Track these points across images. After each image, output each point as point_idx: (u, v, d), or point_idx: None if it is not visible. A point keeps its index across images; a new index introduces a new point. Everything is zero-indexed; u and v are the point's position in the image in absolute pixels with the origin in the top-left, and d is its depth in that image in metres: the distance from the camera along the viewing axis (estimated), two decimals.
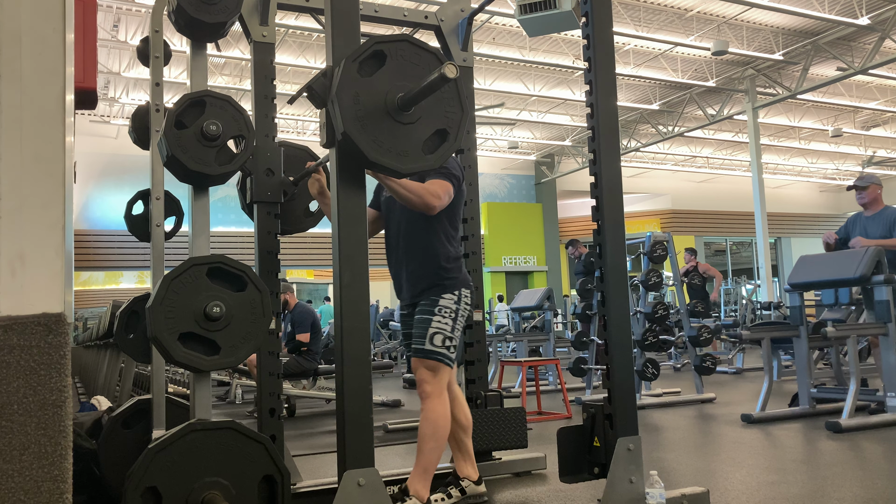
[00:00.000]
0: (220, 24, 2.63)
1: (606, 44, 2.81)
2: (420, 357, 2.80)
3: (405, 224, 2.94)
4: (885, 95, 16.84)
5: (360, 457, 2.19)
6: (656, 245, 6.37)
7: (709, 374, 6.39)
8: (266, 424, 3.07)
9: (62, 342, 1.44)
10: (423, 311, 2.85)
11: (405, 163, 2.23)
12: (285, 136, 16.70)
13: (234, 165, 2.51)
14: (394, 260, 3.01)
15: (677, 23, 12.63)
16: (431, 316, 2.82)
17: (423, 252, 2.89)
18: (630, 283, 6.27)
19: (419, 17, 3.64)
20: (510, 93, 15.33)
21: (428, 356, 2.78)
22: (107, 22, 11.65)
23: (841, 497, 2.92)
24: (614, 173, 2.78)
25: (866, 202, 5.29)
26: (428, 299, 2.85)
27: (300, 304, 6.81)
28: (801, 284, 5.30)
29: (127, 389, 4.73)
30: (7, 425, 1.39)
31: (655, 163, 21.80)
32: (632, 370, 2.77)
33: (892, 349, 4.76)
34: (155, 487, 1.99)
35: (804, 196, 24.44)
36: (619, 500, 2.56)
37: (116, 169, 15.27)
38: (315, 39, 12.75)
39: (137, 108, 3.57)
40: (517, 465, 3.58)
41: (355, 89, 2.16)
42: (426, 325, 2.81)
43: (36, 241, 1.47)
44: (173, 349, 2.13)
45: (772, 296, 15.82)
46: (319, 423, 5.99)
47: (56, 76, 1.53)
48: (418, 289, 2.90)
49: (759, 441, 4.32)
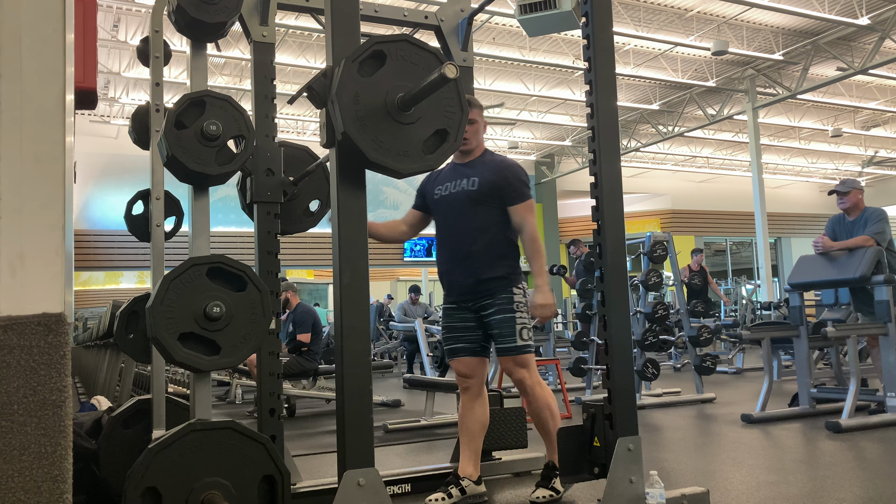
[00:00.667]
0: (221, 24, 2.63)
1: (606, 44, 2.81)
2: (513, 354, 2.98)
3: (473, 223, 3.05)
4: (885, 95, 16.83)
5: (360, 457, 2.19)
6: (656, 245, 6.37)
7: (709, 374, 6.39)
8: (266, 424, 3.06)
9: (62, 342, 1.44)
10: (504, 311, 2.99)
11: (405, 163, 2.22)
12: (285, 136, 16.70)
13: (234, 165, 2.51)
14: (448, 258, 3.12)
15: (677, 23, 12.62)
16: (513, 313, 2.98)
17: (493, 250, 3.03)
18: (630, 283, 6.26)
19: (419, 17, 3.64)
20: (510, 93, 15.32)
21: (521, 351, 2.98)
22: (107, 22, 11.64)
23: (841, 497, 2.92)
24: (614, 173, 2.78)
25: (848, 207, 5.29)
26: (501, 297, 3.00)
27: (302, 304, 6.81)
28: (801, 284, 5.30)
29: (127, 389, 4.73)
30: (7, 425, 1.39)
31: (655, 163, 21.78)
32: (632, 370, 2.77)
33: (892, 349, 4.76)
34: (155, 487, 1.98)
35: (804, 196, 24.42)
36: (619, 500, 2.56)
37: (116, 169, 15.25)
38: (315, 39, 12.75)
39: (137, 108, 3.57)
40: (517, 465, 3.58)
41: (355, 89, 2.16)
42: (512, 323, 2.98)
43: (36, 241, 1.47)
44: (173, 349, 2.13)
45: (772, 296, 15.82)
46: (319, 423, 5.99)
47: (56, 76, 1.53)
48: (486, 286, 3.02)
49: (759, 441, 4.32)
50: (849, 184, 5.31)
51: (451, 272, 3.11)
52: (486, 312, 3.04)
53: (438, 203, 3.18)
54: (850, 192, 5.27)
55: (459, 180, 3.12)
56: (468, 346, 3.11)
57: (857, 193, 5.28)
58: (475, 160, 3.16)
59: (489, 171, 3.08)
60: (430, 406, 5.45)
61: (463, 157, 3.19)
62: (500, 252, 3.04)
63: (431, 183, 3.25)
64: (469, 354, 3.11)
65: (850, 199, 5.27)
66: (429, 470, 3.39)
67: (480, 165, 3.12)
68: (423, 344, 8.04)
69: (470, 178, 3.09)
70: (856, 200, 5.27)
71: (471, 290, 3.05)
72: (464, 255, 3.05)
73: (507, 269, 3.03)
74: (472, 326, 3.10)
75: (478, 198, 3.06)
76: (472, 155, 3.17)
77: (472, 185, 3.07)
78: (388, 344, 12.25)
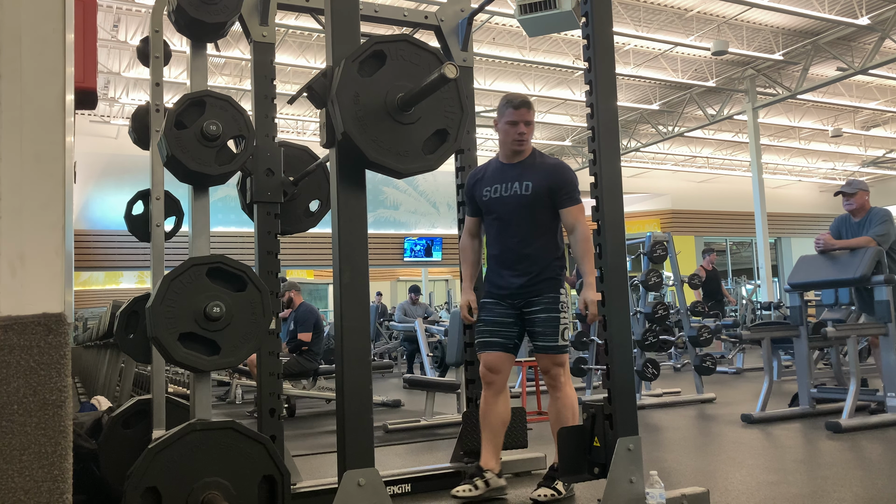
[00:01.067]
0: (221, 24, 2.63)
1: (606, 44, 2.81)
2: (552, 353, 3.07)
3: (526, 226, 3.11)
4: (885, 95, 16.83)
5: (360, 457, 2.19)
6: (656, 245, 6.37)
7: (709, 374, 6.39)
8: (266, 424, 3.06)
9: (62, 342, 1.44)
10: (549, 310, 3.07)
11: (405, 163, 2.23)
12: (285, 136, 16.70)
13: (234, 165, 2.51)
14: (500, 259, 3.18)
15: (677, 23, 12.62)
16: (558, 314, 3.07)
17: (547, 252, 3.12)
18: (630, 283, 6.26)
19: (419, 17, 3.64)
20: (510, 93, 15.33)
21: (561, 350, 3.07)
22: (107, 22, 11.64)
23: (841, 497, 2.92)
24: (614, 173, 2.78)
25: (854, 208, 5.26)
26: (548, 297, 3.08)
27: (305, 304, 6.80)
28: (801, 284, 5.30)
29: (127, 389, 4.73)
30: (7, 425, 1.39)
31: (655, 163, 21.78)
32: (632, 370, 2.77)
33: (892, 349, 4.76)
34: (155, 487, 1.99)
35: (804, 196, 24.42)
36: (619, 500, 2.56)
37: (116, 169, 15.25)
38: (315, 39, 12.75)
39: (137, 108, 3.57)
40: (517, 465, 3.58)
41: (355, 89, 2.16)
42: (556, 323, 3.06)
43: (36, 241, 1.47)
44: (173, 349, 2.13)
45: (772, 296, 15.82)
46: (319, 423, 5.99)
47: (56, 76, 1.53)
48: (537, 286, 3.09)
49: (759, 441, 4.32)
50: (855, 185, 5.29)
51: (503, 273, 3.15)
52: (531, 310, 3.10)
53: (489, 205, 3.19)
54: (857, 193, 5.23)
55: (511, 183, 3.13)
56: (502, 341, 3.16)
57: (863, 195, 5.25)
58: (525, 161, 3.16)
59: (542, 175, 3.10)
60: (430, 406, 5.45)
61: (512, 158, 3.18)
62: (553, 254, 3.13)
63: (478, 185, 3.25)
64: (501, 350, 3.16)
65: (856, 201, 5.24)
66: (429, 470, 3.39)
67: (532, 168, 3.13)
68: (423, 344, 8.04)
69: (522, 181, 3.11)
70: (862, 202, 5.24)
71: (521, 289, 3.11)
72: (518, 256, 3.11)
73: (558, 271, 3.13)
74: (511, 323, 3.15)
75: (532, 201, 3.09)
76: (522, 156, 3.17)
77: (526, 189, 3.10)
78: (388, 344, 12.25)
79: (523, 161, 3.16)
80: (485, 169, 3.26)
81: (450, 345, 5.82)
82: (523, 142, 3.12)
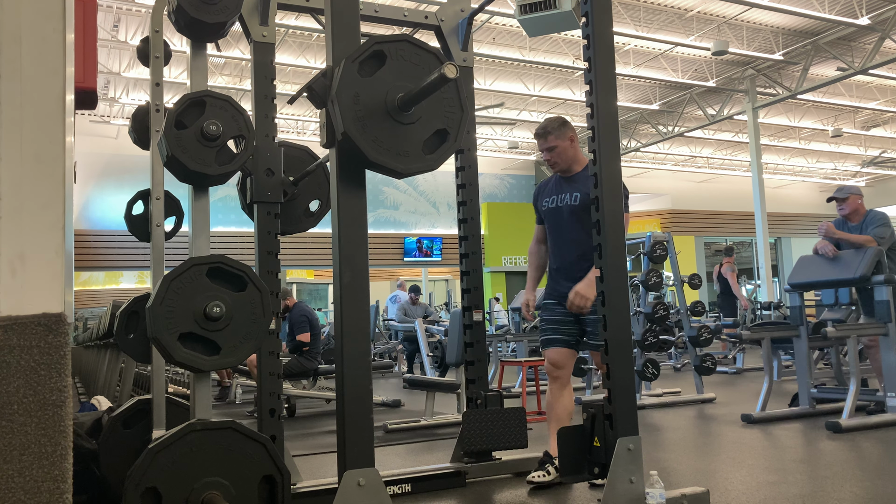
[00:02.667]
0: (220, 24, 2.63)
1: (606, 44, 2.81)
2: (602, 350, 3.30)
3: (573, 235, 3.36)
4: (885, 95, 16.83)
5: (360, 457, 2.19)
6: (656, 245, 6.37)
7: (709, 374, 6.39)
8: (266, 424, 3.06)
9: (62, 342, 1.43)
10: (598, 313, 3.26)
11: (405, 163, 2.23)
12: (285, 136, 16.70)
13: (234, 165, 2.51)
14: (556, 265, 3.48)
15: (677, 23, 12.62)
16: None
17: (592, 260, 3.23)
18: (630, 283, 6.26)
19: (419, 17, 3.64)
20: (510, 93, 15.32)
21: None
22: (107, 22, 11.64)
23: (841, 497, 2.92)
24: (614, 173, 2.78)
25: (847, 213, 5.26)
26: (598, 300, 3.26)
27: (298, 305, 6.80)
28: (801, 284, 5.30)
29: (127, 389, 4.73)
30: (7, 425, 1.38)
31: (655, 163, 21.77)
32: (632, 370, 2.77)
33: (893, 349, 4.76)
34: (155, 487, 1.99)
35: (804, 196, 24.41)
36: (619, 500, 2.56)
37: (116, 169, 15.25)
38: (315, 39, 12.75)
39: (137, 108, 3.57)
40: (517, 465, 3.58)
41: (355, 89, 2.16)
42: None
43: (36, 241, 1.47)
44: (173, 349, 2.13)
45: (772, 296, 15.81)
46: (319, 423, 5.99)
47: (56, 76, 1.53)
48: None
49: (759, 441, 4.32)
50: (846, 190, 5.29)
51: (558, 277, 3.47)
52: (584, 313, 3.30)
53: (546, 215, 3.53)
54: (849, 197, 5.24)
55: (563, 194, 3.44)
56: (564, 338, 3.41)
57: (855, 199, 5.25)
58: (577, 175, 3.44)
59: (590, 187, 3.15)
60: (430, 406, 5.45)
61: (565, 172, 3.49)
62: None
63: (539, 196, 3.60)
64: (564, 346, 3.40)
65: (849, 205, 5.25)
66: (429, 470, 3.39)
67: (582, 180, 3.37)
68: (423, 344, 8.03)
69: (572, 193, 3.39)
70: (855, 206, 5.24)
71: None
72: (568, 263, 3.40)
73: None
74: (571, 321, 3.41)
75: (579, 212, 3.34)
76: (573, 171, 3.46)
77: (574, 199, 3.38)
78: (387, 344, 12.24)
79: (577, 174, 3.44)
80: (547, 182, 3.60)
81: (450, 345, 5.82)
82: (553, 165, 3.45)
